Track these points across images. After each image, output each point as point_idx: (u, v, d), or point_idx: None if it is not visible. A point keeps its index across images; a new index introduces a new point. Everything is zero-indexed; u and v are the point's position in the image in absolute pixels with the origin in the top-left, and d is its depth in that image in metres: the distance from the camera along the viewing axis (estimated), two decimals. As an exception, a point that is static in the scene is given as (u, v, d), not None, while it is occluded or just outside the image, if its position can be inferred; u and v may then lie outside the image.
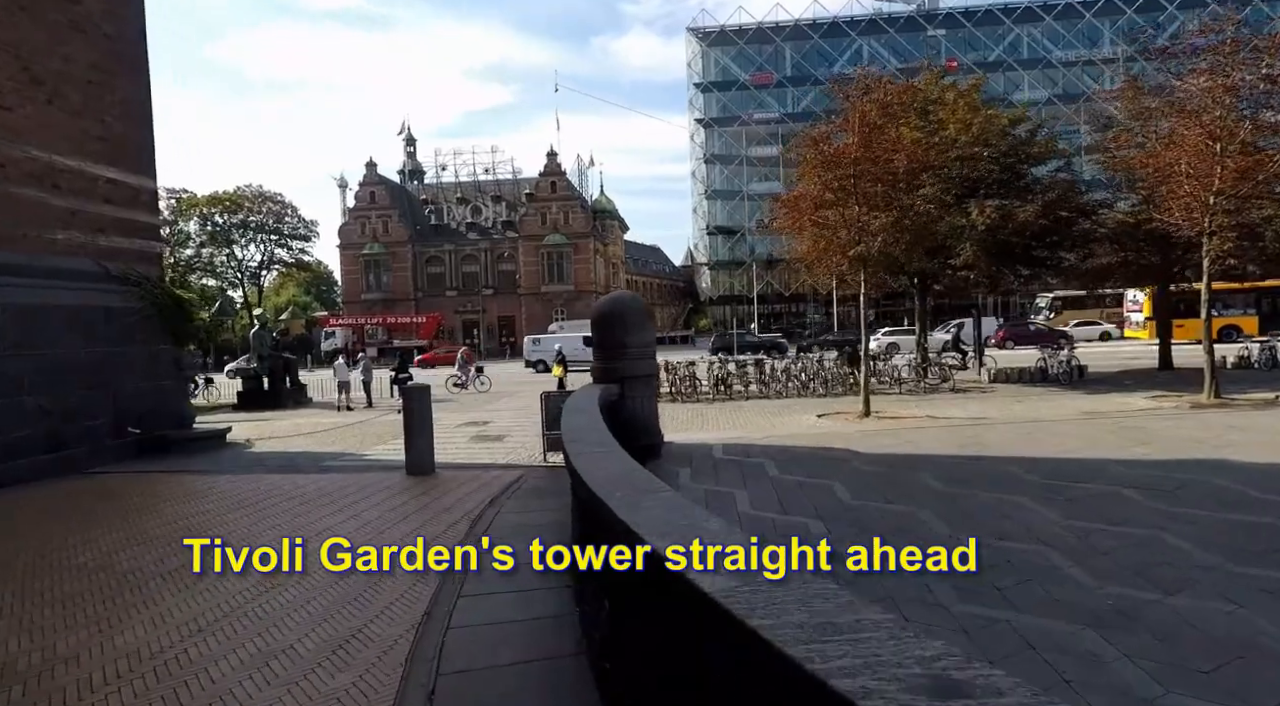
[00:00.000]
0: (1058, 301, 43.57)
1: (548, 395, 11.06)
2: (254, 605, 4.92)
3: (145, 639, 4.40)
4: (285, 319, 75.51)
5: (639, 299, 10.49)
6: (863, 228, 13.40)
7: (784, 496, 7.67)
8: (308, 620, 4.61)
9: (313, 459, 12.09)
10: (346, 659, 4.05)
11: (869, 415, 14.10)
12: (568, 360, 27.41)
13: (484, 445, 13.19)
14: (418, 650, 4.19)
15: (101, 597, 5.23)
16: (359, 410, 20.48)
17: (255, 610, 4.83)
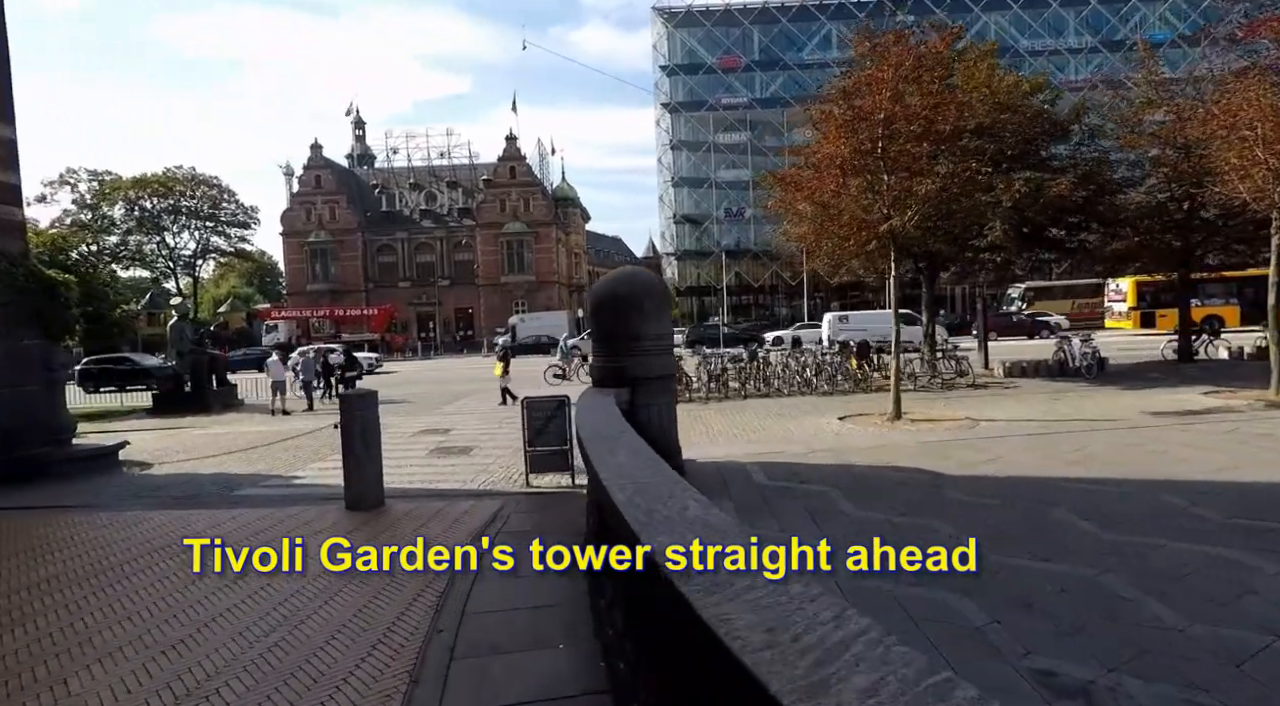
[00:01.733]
0: (1030, 292, 42.83)
1: (530, 402, 8.71)
2: None
3: None
4: (224, 312, 70.76)
5: (656, 277, 8.21)
6: (897, 198, 11.37)
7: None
8: None
9: (225, 485, 9.49)
10: None
11: (900, 417, 12.13)
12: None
13: (447, 461, 10.75)
14: None
15: None
16: (298, 415, 17.69)
17: None
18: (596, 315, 7.53)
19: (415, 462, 10.69)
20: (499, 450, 11.46)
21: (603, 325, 7.48)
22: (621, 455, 3.56)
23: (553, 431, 8.63)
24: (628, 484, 2.84)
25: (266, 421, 16.69)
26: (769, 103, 60.06)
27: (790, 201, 18.63)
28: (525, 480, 8.77)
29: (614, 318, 7.32)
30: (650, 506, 2.49)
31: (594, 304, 7.54)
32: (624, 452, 3.64)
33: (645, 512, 2.43)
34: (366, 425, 7.67)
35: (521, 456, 10.79)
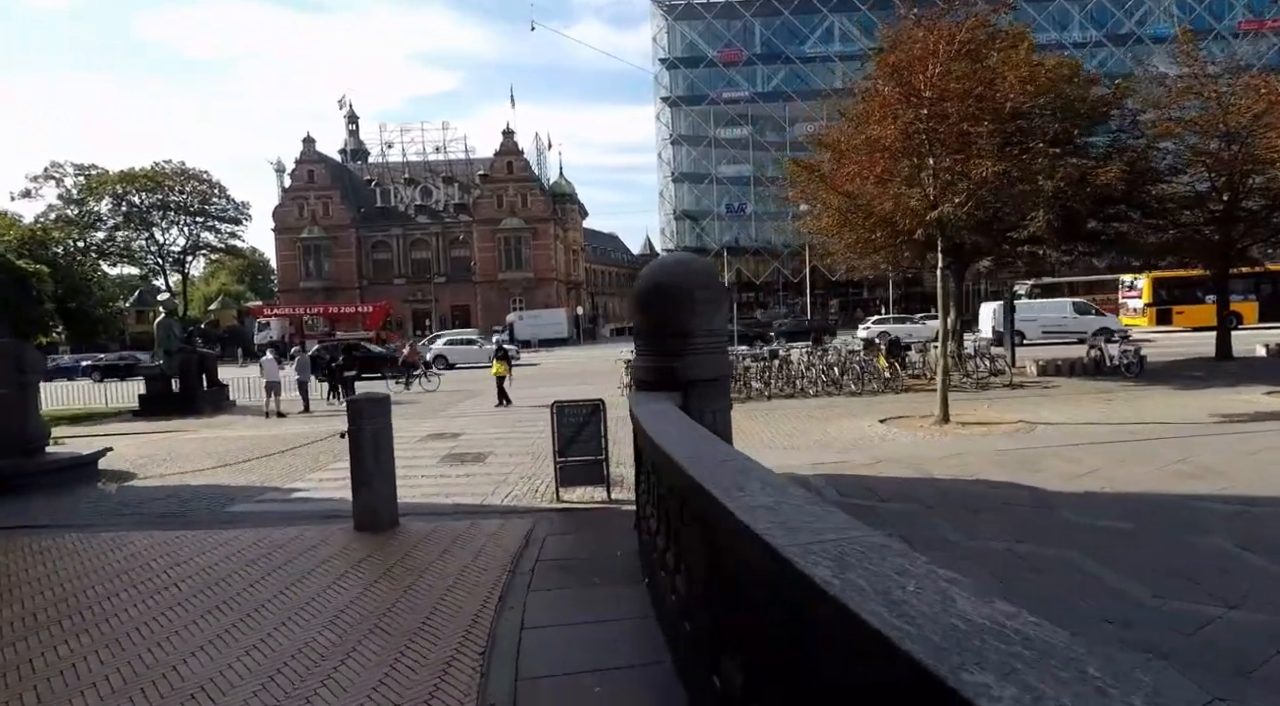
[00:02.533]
0: (1036, 289, 42.11)
1: (562, 406, 7.76)
2: None
3: None
4: (214, 309, 69.45)
5: (710, 265, 7.25)
6: (949, 183, 10.47)
7: (1036, 605, 4.61)
8: None
9: (216, 499, 8.49)
10: None
11: (948, 420, 11.24)
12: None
13: (461, 470, 9.78)
14: None
15: None
16: (293, 416, 16.67)
17: None
18: (641, 308, 6.59)
19: (426, 471, 9.72)
20: (515, 457, 10.52)
21: (648, 320, 6.53)
22: (761, 493, 2.62)
23: (586, 440, 7.70)
24: (826, 557, 1.86)
25: (260, 424, 15.67)
26: (770, 97, 59.17)
27: (813, 191, 17.81)
28: (555, 494, 7.82)
29: (661, 312, 6.37)
30: (923, 611, 1.52)
31: (639, 296, 6.60)
32: (759, 486, 2.69)
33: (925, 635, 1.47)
34: (378, 435, 6.71)
35: (542, 464, 9.90)
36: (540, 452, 10.70)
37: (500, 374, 17.34)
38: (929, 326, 35.92)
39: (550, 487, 8.40)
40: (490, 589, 5.04)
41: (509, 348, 22.85)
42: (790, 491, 2.61)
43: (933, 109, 10.33)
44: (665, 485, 3.97)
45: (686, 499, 3.38)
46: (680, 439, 3.98)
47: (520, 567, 5.53)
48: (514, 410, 16.01)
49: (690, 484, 3.17)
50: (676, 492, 3.60)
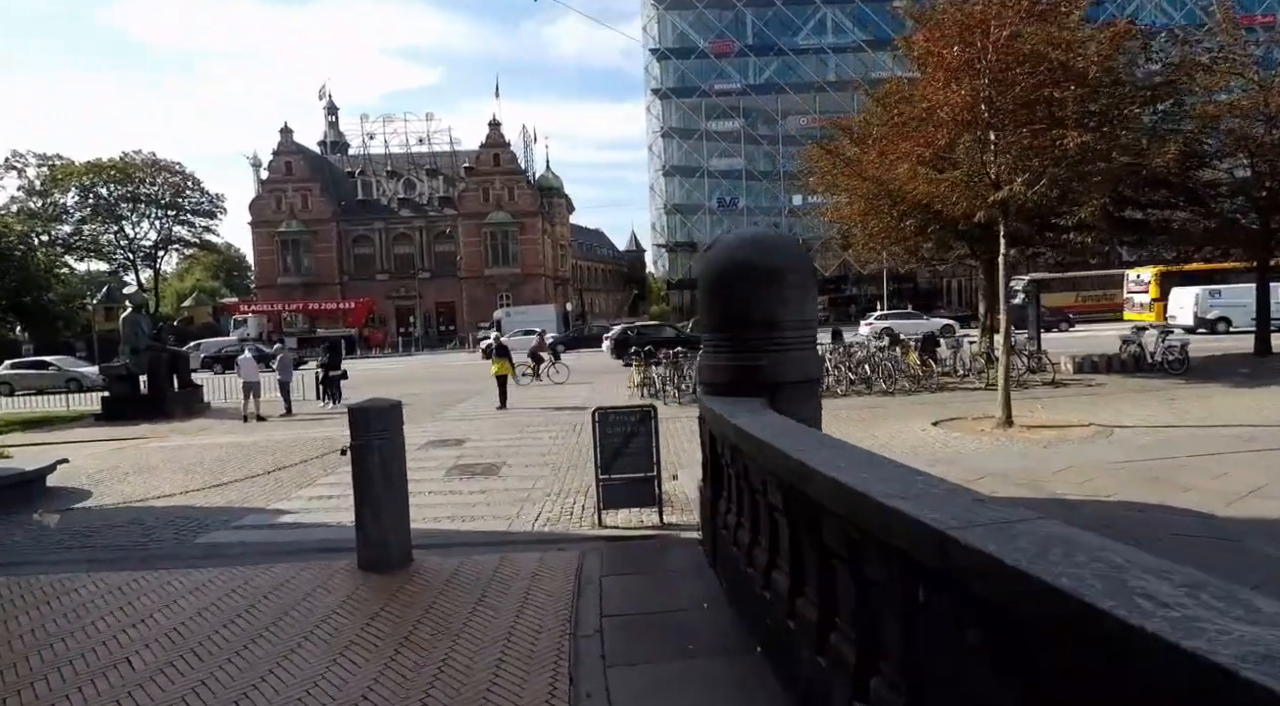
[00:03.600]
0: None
1: (605, 414, 6.50)
2: None
3: None
4: (188, 306, 67.03)
5: (795, 240, 6.04)
6: (1019, 159, 9.35)
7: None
8: None
9: (185, 526, 7.13)
10: None
11: (1012, 423, 10.16)
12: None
13: (475, 486, 8.49)
14: None
15: None
16: (274, 421, 15.23)
17: None
18: (713, 295, 5.35)
19: (434, 487, 8.42)
20: (532, 469, 9.25)
21: (722, 309, 5.30)
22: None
23: (635, 453, 6.46)
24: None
25: (238, 429, 14.22)
26: (763, 89, 58.11)
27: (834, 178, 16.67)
28: (596, 518, 6.57)
29: (742, 298, 5.16)
30: None
31: (711, 279, 5.36)
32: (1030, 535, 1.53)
33: None
34: (388, 453, 5.41)
35: (565, 477, 8.66)
36: (560, 464, 9.47)
37: (501, 373, 16.02)
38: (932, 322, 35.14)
39: (585, 508, 7.16)
40: (553, 663, 3.79)
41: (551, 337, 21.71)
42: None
43: (997, 77, 9.20)
44: (811, 524, 2.75)
45: (890, 554, 2.17)
46: (849, 463, 2.77)
47: (582, 626, 4.29)
48: (514, 413, 14.71)
49: (924, 534, 1.96)
50: (864, 543, 2.40)
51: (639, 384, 16.36)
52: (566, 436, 11.49)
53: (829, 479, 2.54)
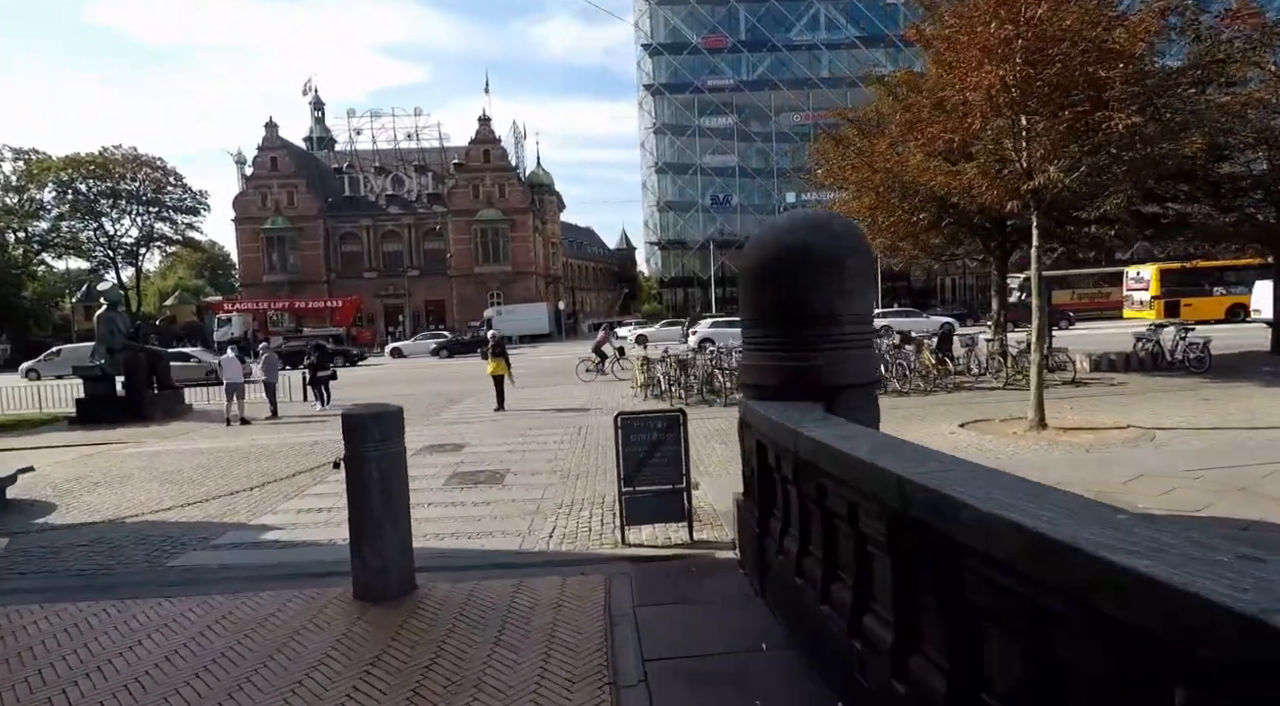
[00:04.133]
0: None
1: (628, 420, 5.84)
2: None
3: None
4: (170, 304, 65.67)
5: (854, 224, 5.31)
6: (1057, 143, 8.76)
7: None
8: None
9: (159, 545, 6.40)
10: None
11: (1046, 425, 9.60)
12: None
13: (478, 496, 7.80)
14: None
15: None
16: (259, 424, 14.45)
17: None
18: (762, 284, 4.69)
19: (434, 498, 7.73)
20: (539, 477, 8.58)
21: (773, 300, 4.65)
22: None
23: (662, 463, 5.80)
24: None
25: (220, 433, 13.43)
26: (756, 85, 57.63)
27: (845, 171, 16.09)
28: (619, 535, 5.91)
29: (796, 289, 4.51)
30: None
31: (758, 267, 4.69)
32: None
33: None
34: (388, 467, 4.73)
35: (576, 486, 7.99)
36: (568, 471, 8.80)
37: (498, 373, 15.31)
38: (931, 320, 34.70)
39: (605, 522, 6.51)
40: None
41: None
42: None
43: (1032, 56, 8.61)
44: (948, 573, 2.10)
45: (1126, 636, 1.53)
46: (1006, 492, 2.14)
47: (622, 674, 3.64)
48: (513, 415, 14.02)
49: (1214, 614, 1.33)
50: (1067, 617, 1.77)
51: (642, 385, 15.70)
52: (572, 440, 10.83)
53: (1004, 521, 1.90)
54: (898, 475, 2.49)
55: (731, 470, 8.31)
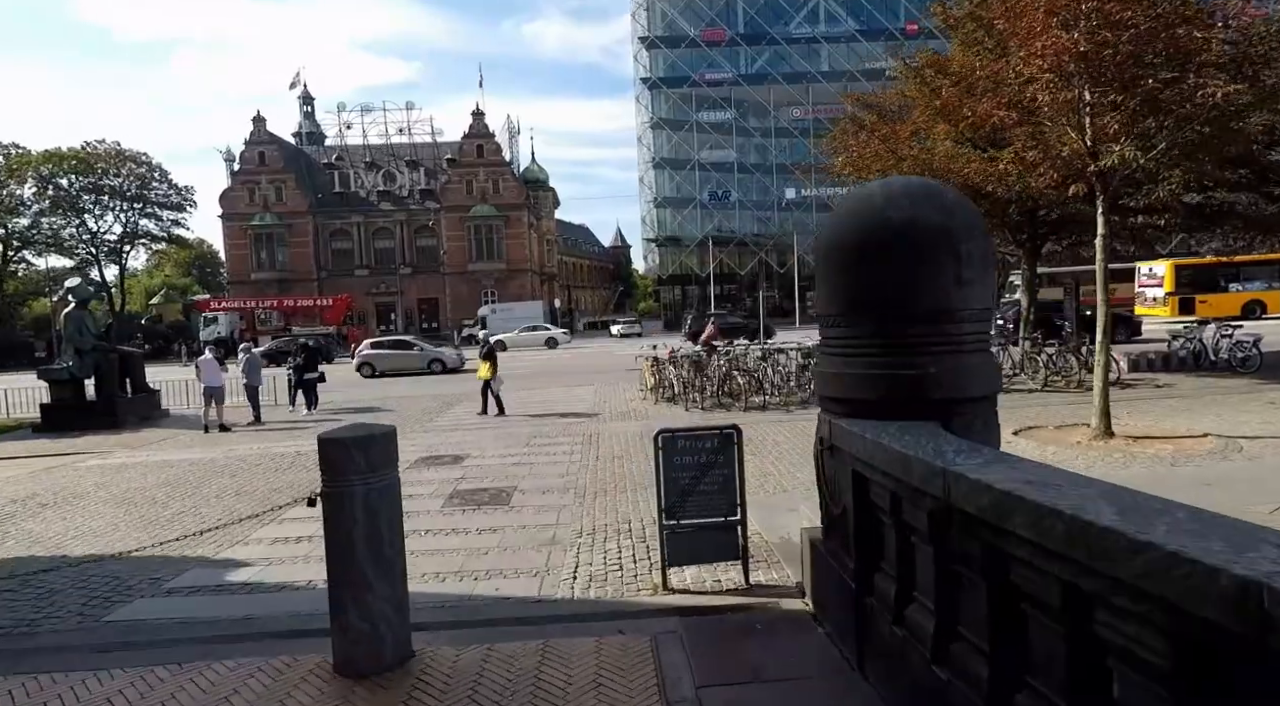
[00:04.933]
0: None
1: (670, 437, 4.80)
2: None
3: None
4: (156, 303, 64.22)
5: (967, 199, 4.28)
6: (1136, 115, 7.78)
7: None
8: None
9: (100, 589, 5.33)
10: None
11: (1112, 433, 8.65)
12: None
13: (481, 520, 6.75)
14: None
15: None
16: (240, 431, 13.34)
17: None
18: (852, 269, 3.66)
19: (432, 523, 6.69)
20: (551, 496, 7.55)
21: (866, 289, 3.62)
22: None
23: (711, 489, 4.78)
24: None
25: (196, 442, 12.33)
26: (754, 79, 56.59)
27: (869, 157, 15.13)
28: (659, 578, 4.89)
29: (900, 274, 3.50)
30: None
31: (848, 247, 3.64)
32: None
33: None
34: (379, 505, 3.69)
35: (595, 507, 6.97)
36: (583, 488, 7.78)
37: (485, 377, 14.18)
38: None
39: (636, 556, 5.50)
40: None
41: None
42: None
43: (1105, 19, 7.63)
44: None
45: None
46: None
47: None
48: (514, 422, 12.98)
49: None
50: None
51: (652, 387, 14.68)
52: (583, 451, 9.81)
53: None
54: (1243, 578, 1.47)
55: (769, 487, 7.33)
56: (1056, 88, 8.11)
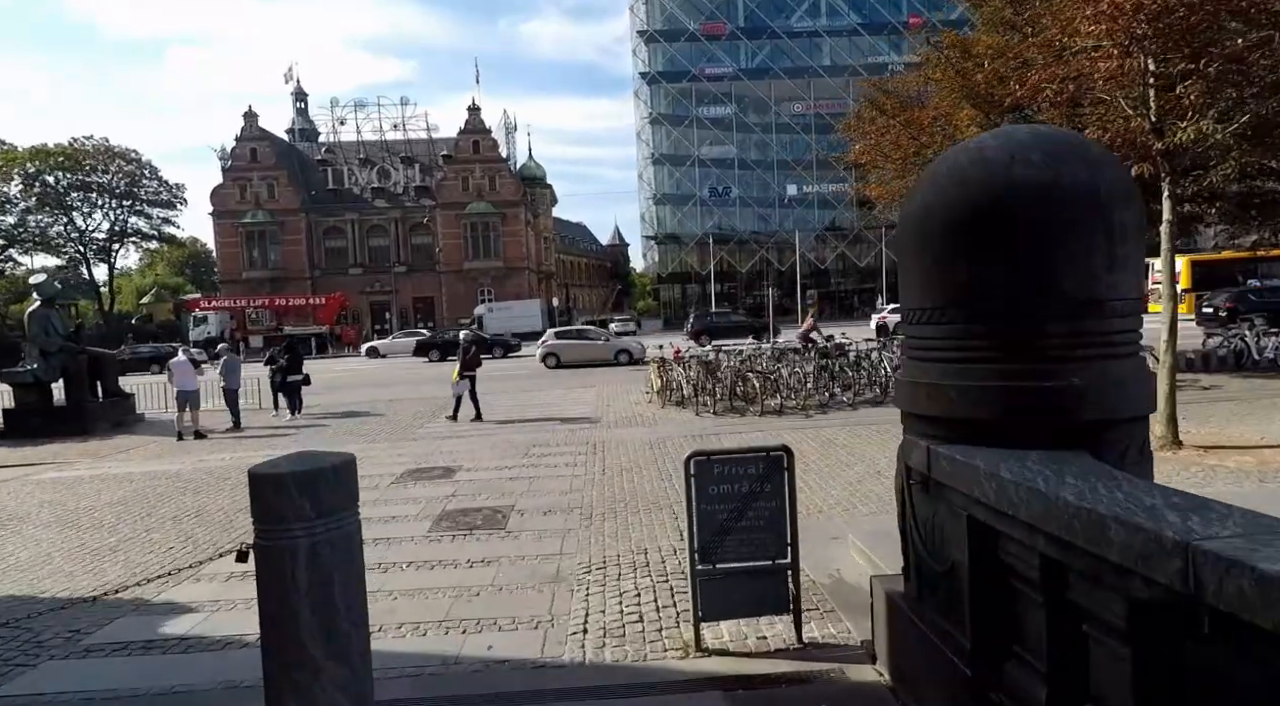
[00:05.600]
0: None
1: (706, 462, 3.86)
2: None
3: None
4: (147, 303, 63.11)
5: (1113, 156, 3.29)
6: (1213, 86, 6.88)
7: None
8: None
9: (11, 640, 4.39)
10: None
11: (1180, 443, 7.76)
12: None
13: (475, 548, 5.81)
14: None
15: None
16: (216, 438, 12.39)
17: None
18: (964, 244, 2.72)
19: (417, 552, 5.75)
20: (554, 516, 6.62)
21: (979, 271, 2.71)
22: None
23: (756, 525, 3.85)
24: None
25: (166, 451, 11.37)
26: (755, 74, 55.59)
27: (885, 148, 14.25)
28: (691, 635, 3.95)
29: (1031, 251, 2.58)
30: None
31: (956, 216, 2.74)
32: None
33: None
34: (332, 567, 2.75)
35: (601, 532, 6.04)
36: (589, 507, 6.86)
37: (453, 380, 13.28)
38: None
39: (658, 600, 4.56)
40: None
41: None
42: None
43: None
44: None
45: None
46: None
47: None
48: (511, 427, 12.06)
49: None
50: None
51: (658, 390, 13.75)
52: (586, 461, 8.88)
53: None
54: None
55: (803, 506, 6.20)
56: (1120, 54, 7.19)
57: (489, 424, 12.44)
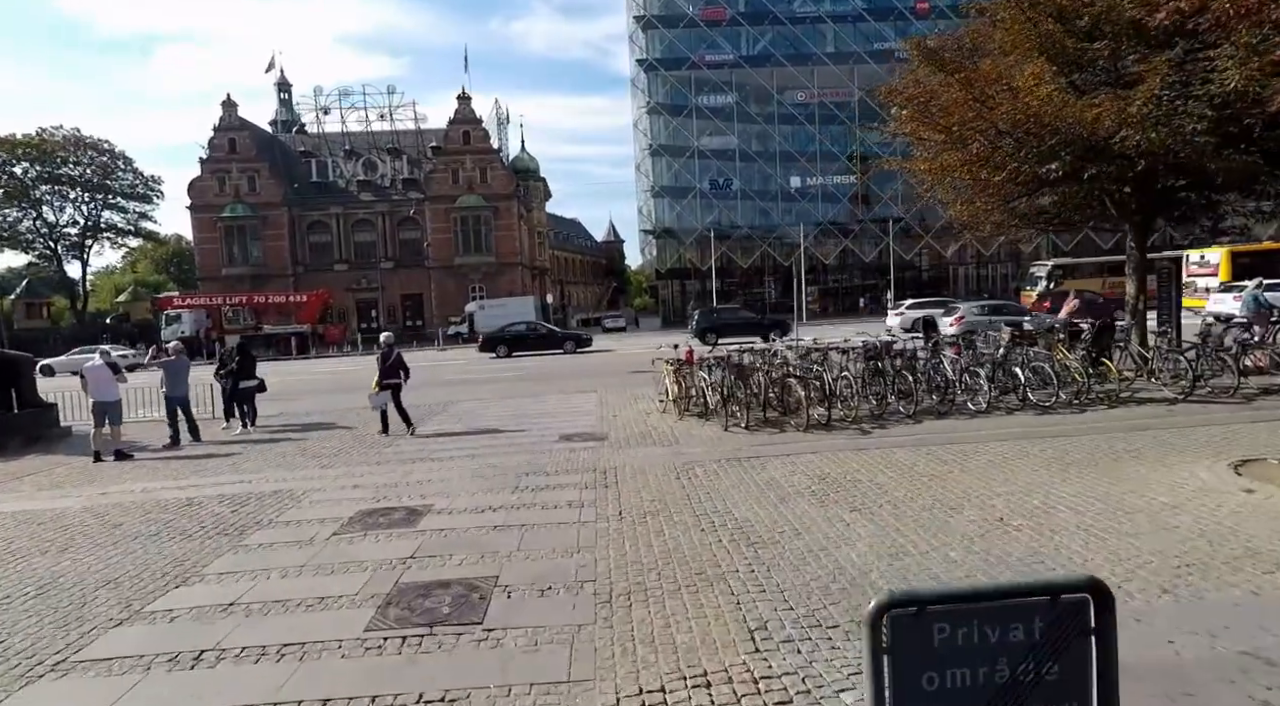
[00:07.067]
0: (1058, 270, 37.77)
1: (918, 617, 1.75)
2: None
3: None
4: (123, 301, 60.60)
5: None
6: None
7: None
8: None
9: None
10: None
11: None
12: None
13: (429, 667, 3.68)
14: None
15: None
16: (144, 459, 10.21)
17: None
18: None
19: (334, 687, 3.62)
20: (554, 598, 4.51)
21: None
22: None
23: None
24: None
25: (71, 477, 9.18)
26: (756, 61, 53.44)
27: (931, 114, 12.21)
28: None
29: None
30: None
31: None
32: None
33: None
34: None
35: (630, 633, 3.84)
36: (608, 579, 4.74)
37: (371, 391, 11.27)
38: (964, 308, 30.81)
39: None
40: None
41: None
42: None
43: None
44: None
45: None
46: None
47: None
48: (499, 447, 9.94)
49: None
50: None
51: (674, 398, 11.63)
52: (596, 500, 6.76)
53: None
54: None
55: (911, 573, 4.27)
56: None
57: (469, 436, 10.31)
